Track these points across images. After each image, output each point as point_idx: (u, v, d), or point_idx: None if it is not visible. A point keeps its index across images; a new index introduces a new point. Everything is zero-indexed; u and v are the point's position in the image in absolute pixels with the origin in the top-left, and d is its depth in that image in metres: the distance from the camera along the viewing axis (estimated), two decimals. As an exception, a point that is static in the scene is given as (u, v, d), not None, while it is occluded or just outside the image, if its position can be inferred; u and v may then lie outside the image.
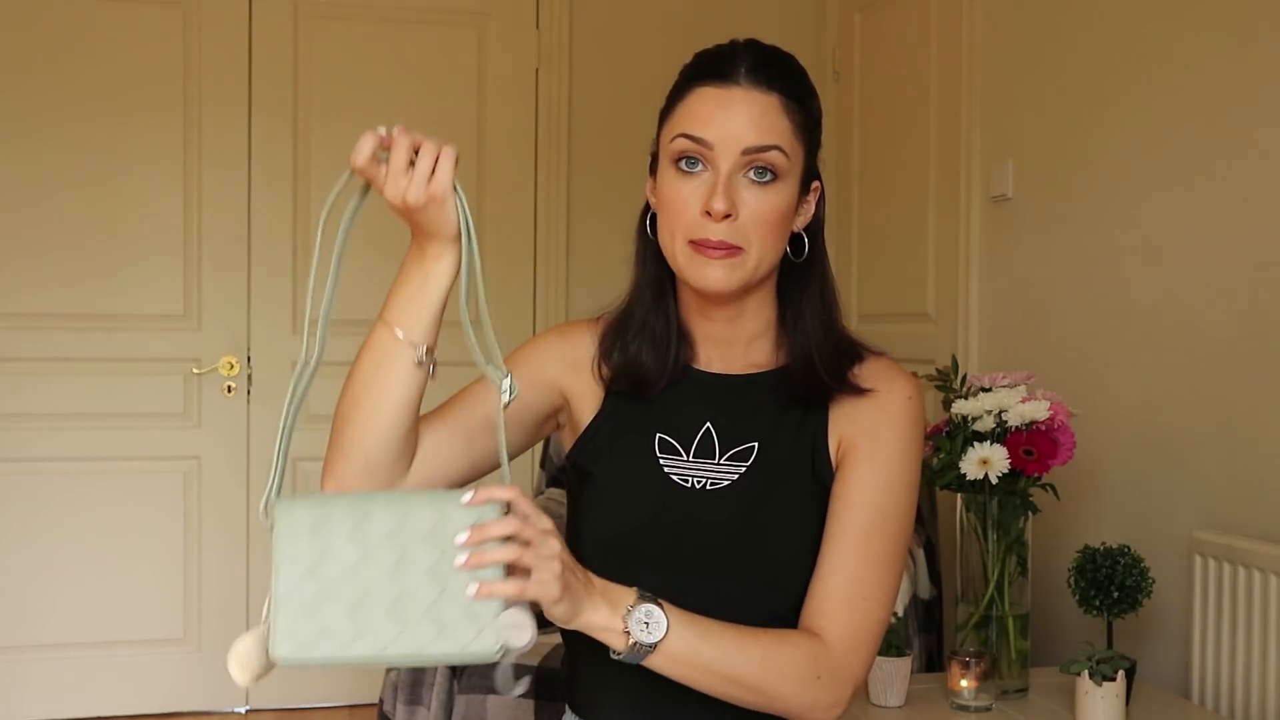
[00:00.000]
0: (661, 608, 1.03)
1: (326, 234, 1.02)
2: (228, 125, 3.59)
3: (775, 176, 1.13)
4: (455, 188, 1.02)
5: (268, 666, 0.95)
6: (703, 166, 1.13)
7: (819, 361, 1.18)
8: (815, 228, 1.22)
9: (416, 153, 1.01)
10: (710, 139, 1.12)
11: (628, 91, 3.75)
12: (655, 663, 1.04)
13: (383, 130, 1.01)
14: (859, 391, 1.18)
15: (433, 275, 1.05)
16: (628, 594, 1.03)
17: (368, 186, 1.04)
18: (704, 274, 1.13)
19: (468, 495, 0.93)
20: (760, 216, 1.12)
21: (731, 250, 1.12)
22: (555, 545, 0.95)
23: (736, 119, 1.12)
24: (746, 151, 1.11)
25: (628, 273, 1.25)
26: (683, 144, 1.13)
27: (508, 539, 0.92)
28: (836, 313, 1.22)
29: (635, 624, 1.01)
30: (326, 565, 0.92)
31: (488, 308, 1.02)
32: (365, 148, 1.00)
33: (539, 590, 0.93)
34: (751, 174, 1.12)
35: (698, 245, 1.13)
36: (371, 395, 1.07)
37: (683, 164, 1.14)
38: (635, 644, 1.01)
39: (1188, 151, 2.31)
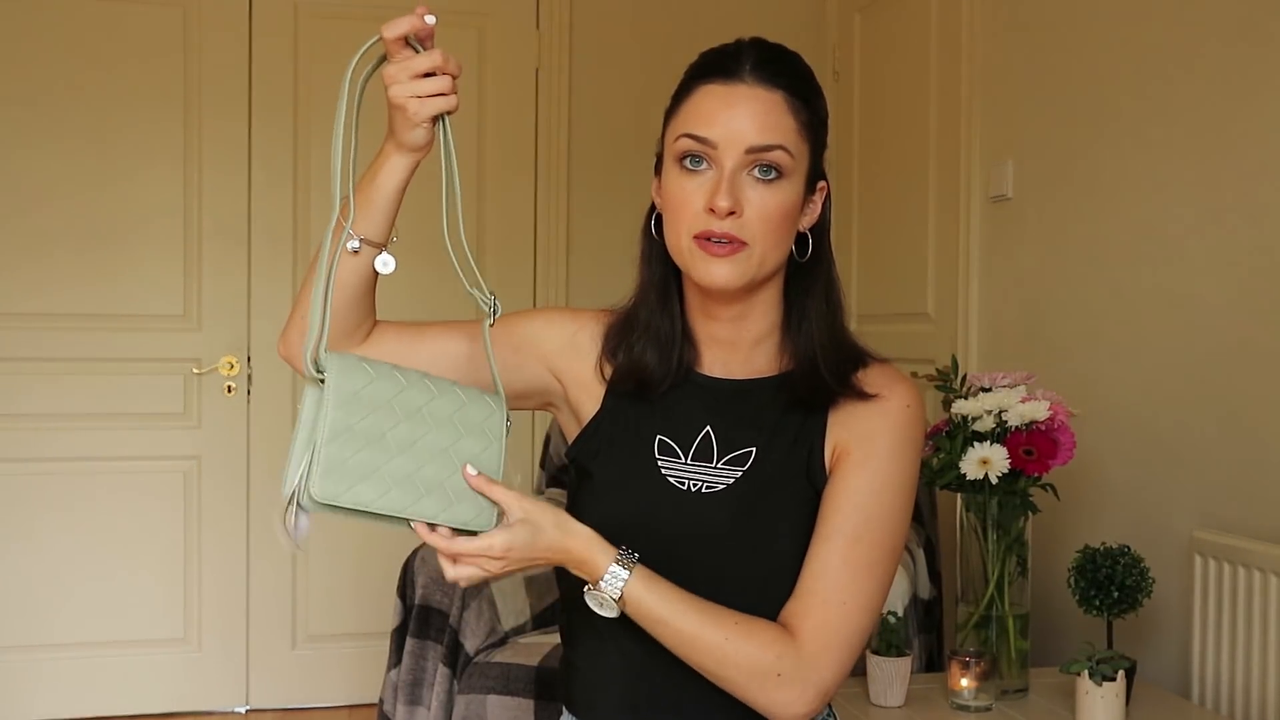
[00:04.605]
0: (622, 589, 1.07)
1: (348, 96, 1.06)
2: (228, 125, 3.59)
3: (780, 175, 1.12)
4: (443, 120, 1.07)
5: (294, 511, 1.00)
6: (707, 164, 1.13)
7: (823, 363, 1.18)
8: (821, 228, 1.21)
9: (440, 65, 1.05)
10: (714, 138, 1.12)
11: (628, 91, 3.75)
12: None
13: (430, 19, 1.04)
14: (861, 396, 1.17)
15: (380, 172, 1.11)
16: (597, 569, 1.08)
17: (385, 57, 1.07)
18: (710, 271, 1.13)
19: (472, 471, 1.05)
20: (765, 213, 1.12)
21: (736, 245, 1.12)
22: (496, 565, 1.05)
23: (740, 117, 1.12)
24: (750, 150, 1.11)
25: (628, 272, 1.25)
26: (686, 143, 1.13)
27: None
28: (841, 315, 1.22)
29: (590, 599, 1.09)
30: (366, 423, 1.01)
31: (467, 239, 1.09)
32: (402, 26, 1.04)
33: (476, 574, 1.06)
34: (756, 172, 1.12)
35: (703, 241, 1.12)
36: (317, 270, 1.11)
37: (687, 162, 1.14)
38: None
39: (1188, 151, 2.31)
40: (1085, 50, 2.63)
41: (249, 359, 3.63)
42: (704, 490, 1.17)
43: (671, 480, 1.18)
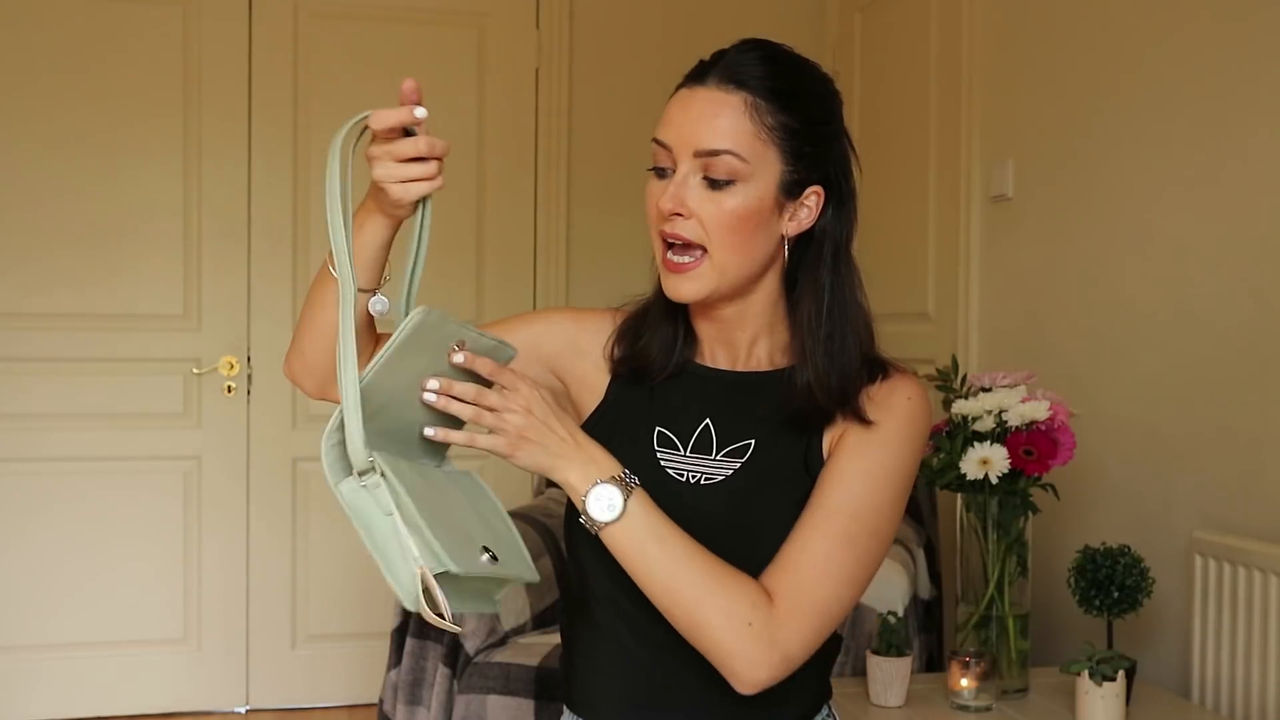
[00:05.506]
0: (628, 496, 1.08)
1: (333, 167, 1.06)
2: (228, 125, 3.59)
3: (734, 179, 1.11)
4: (423, 203, 1.09)
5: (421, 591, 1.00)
6: (670, 169, 1.14)
7: (817, 386, 1.16)
8: (821, 235, 1.20)
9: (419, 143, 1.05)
10: (668, 141, 1.13)
11: (628, 91, 3.75)
12: (606, 541, 1.09)
13: (420, 112, 1.04)
14: (861, 420, 1.16)
15: (365, 230, 1.12)
16: (608, 469, 1.09)
17: (365, 130, 1.07)
18: (673, 288, 1.15)
19: (459, 356, 1.06)
20: (716, 219, 1.12)
21: (697, 260, 1.13)
22: (515, 416, 1.06)
23: (691, 120, 1.12)
24: (698, 154, 1.11)
25: (628, 272, 1.27)
26: (652, 147, 1.16)
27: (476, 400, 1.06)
28: (845, 325, 1.19)
29: (593, 499, 1.08)
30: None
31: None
32: (390, 119, 1.04)
33: (490, 443, 1.06)
34: (705, 177, 1.12)
35: (666, 255, 1.14)
36: (310, 310, 1.18)
37: (656, 162, 1.16)
38: (587, 517, 1.08)
39: (1188, 151, 2.31)
40: (1085, 50, 2.63)
41: (249, 359, 3.63)
42: (703, 482, 1.18)
43: (670, 472, 1.19)
